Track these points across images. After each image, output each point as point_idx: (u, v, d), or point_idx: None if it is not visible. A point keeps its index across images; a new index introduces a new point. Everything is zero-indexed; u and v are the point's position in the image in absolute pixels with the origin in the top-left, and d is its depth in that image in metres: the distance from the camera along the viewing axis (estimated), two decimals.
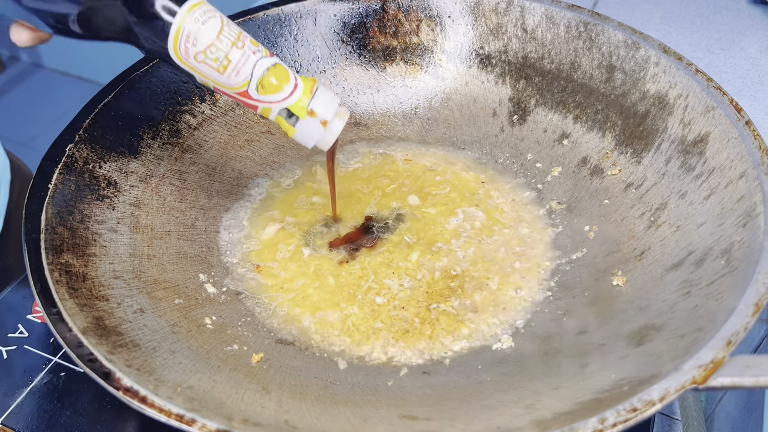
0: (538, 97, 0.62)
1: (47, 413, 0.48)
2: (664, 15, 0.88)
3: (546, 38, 0.61)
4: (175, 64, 0.40)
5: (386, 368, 0.46)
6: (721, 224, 0.45)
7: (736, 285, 0.39)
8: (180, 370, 0.40)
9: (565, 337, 0.46)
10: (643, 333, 0.41)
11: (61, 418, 0.47)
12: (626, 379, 0.37)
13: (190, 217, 0.55)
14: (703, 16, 0.88)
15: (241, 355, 0.45)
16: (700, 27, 0.86)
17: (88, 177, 0.49)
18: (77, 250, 0.45)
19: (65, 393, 0.49)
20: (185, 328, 0.45)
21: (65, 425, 0.47)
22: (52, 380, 0.50)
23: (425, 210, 0.57)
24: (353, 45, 0.65)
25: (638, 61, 0.56)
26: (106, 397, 0.48)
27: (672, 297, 0.43)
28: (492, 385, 0.42)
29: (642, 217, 0.51)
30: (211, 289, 0.50)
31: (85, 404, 0.48)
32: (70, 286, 0.41)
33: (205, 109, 0.60)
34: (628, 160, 0.55)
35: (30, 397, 0.49)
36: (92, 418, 0.47)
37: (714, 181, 0.47)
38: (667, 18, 0.88)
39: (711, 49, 0.82)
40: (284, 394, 0.41)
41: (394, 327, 0.49)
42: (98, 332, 0.39)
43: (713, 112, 0.50)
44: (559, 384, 0.40)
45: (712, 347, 0.35)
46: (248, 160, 0.61)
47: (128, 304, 0.44)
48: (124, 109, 0.54)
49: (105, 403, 0.48)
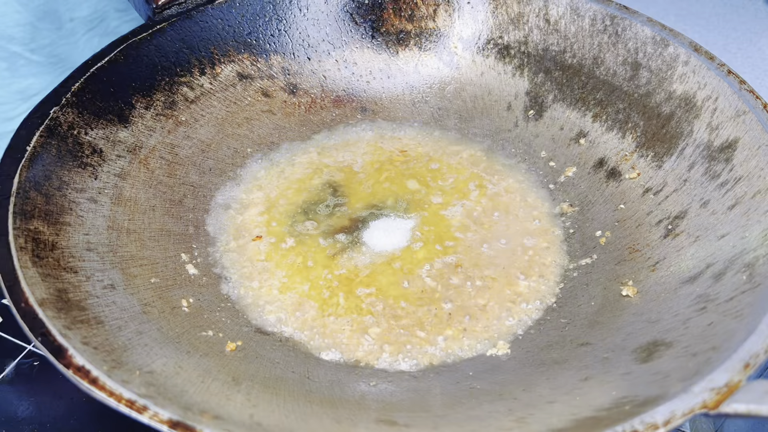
0: (557, 93, 0.58)
1: (21, 401, 0.45)
2: (679, 12, 0.85)
3: (569, 31, 0.58)
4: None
5: (370, 367, 0.43)
6: (744, 237, 0.41)
7: (758, 302, 0.35)
8: (144, 352, 0.37)
9: (566, 348, 0.42)
10: (651, 349, 0.38)
11: (34, 406, 0.45)
12: (629, 397, 0.33)
13: (178, 194, 0.52)
14: (719, 15, 0.84)
15: (215, 341, 0.42)
16: (716, 26, 0.83)
17: (71, 142, 0.47)
18: (50, 217, 0.42)
19: (39, 380, 0.47)
20: (158, 308, 0.42)
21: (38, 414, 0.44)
22: (26, 367, 0.47)
23: (428, 203, 0.54)
24: (366, 26, 0.62)
25: (666, 59, 0.52)
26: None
27: (686, 312, 0.39)
28: (482, 394, 0.39)
29: (659, 225, 0.48)
30: (192, 270, 0.47)
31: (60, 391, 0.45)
32: (35, 254, 0.38)
33: (204, 83, 0.57)
34: (648, 164, 0.51)
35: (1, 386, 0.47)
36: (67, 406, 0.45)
37: (740, 190, 0.44)
38: (682, 16, 0.84)
39: (728, 48, 0.79)
40: (255, 387, 0.37)
41: (384, 325, 0.46)
42: (58, 305, 0.36)
43: (744, 117, 0.46)
44: (555, 398, 0.36)
45: (727, 369, 0.31)
46: (245, 139, 0.58)
47: (98, 279, 0.41)
48: (118, 76, 0.51)
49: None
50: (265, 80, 0.60)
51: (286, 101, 0.60)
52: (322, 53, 0.62)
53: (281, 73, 0.61)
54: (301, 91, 0.61)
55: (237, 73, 0.59)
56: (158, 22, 0.55)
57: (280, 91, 0.60)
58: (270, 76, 0.60)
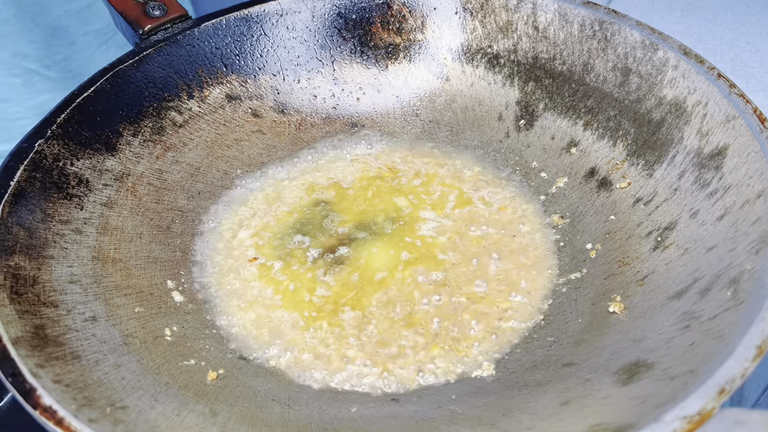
0: (548, 101, 0.57)
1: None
2: (685, 7, 0.82)
3: (558, 37, 0.57)
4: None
5: (353, 393, 0.43)
6: (732, 249, 0.39)
7: (739, 322, 0.34)
8: (120, 386, 0.37)
9: (551, 369, 0.41)
10: (633, 370, 0.37)
11: None
12: (602, 425, 0.32)
13: (166, 219, 0.52)
14: (727, 8, 0.81)
15: (196, 370, 0.42)
16: (724, 19, 0.79)
17: (57, 174, 0.47)
18: (32, 251, 0.42)
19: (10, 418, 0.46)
20: (140, 339, 0.42)
21: None
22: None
23: (416, 219, 0.53)
24: (354, 41, 0.62)
25: (656, 63, 0.51)
26: None
27: (669, 330, 0.38)
28: (462, 419, 0.38)
29: (649, 237, 0.46)
30: (178, 297, 0.47)
31: None
32: (13, 290, 0.39)
33: (192, 106, 0.57)
34: (639, 173, 0.50)
35: None
36: None
37: (729, 199, 0.42)
38: (688, 10, 0.81)
39: (736, 43, 0.75)
40: (232, 419, 0.37)
41: (368, 348, 0.45)
42: (33, 342, 0.36)
43: (734, 122, 0.44)
44: (534, 424, 0.36)
45: (701, 395, 0.30)
46: (235, 160, 0.58)
47: (80, 311, 0.41)
48: (104, 105, 0.52)
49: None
50: (254, 100, 0.60)
51: (275, 120, 0.60)
52: (311, 70, 0.62)
53: (270, 92, 0.61)
54: (291, 109, 0.61)
55: (225, 94, 0.59)
56: (145, 48, 0.55)
57: (270, 110, 0.60)
58: (259, 96, 0.60)
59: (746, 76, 0.69)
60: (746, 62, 0.73)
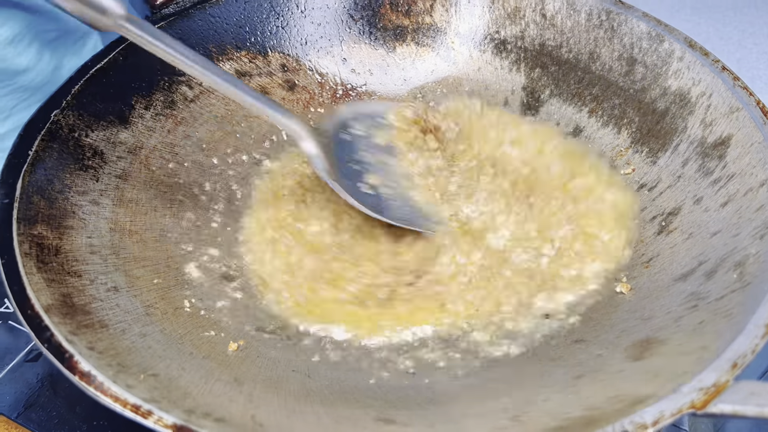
0: (553, 88, 0.59)
1: (28, 392, 0.46)
2: (694, 5, 0.84)
3: (565, 25, 0.58)
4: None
5: (371, 364, 0.44)
6: (736, 234, 0.42)
7: (747, 302, 0.36)
8: (148, 355, 0.38)
9: (562, 345, 0.43)
10: (644, 346, 0.38)
11: (41, 398, 0.46)
12: (619, 396, 0.34)
13: (179, 193, 0.52)
14: (736, 8, 0.83)
15: (217, 341, 0.43)
16: (732, 20, 0.81)
17: (72, 145, 0.47)
18: (53, 221, 0.43)
19: (47, 372, 0.47)
20: (161, 309, 0.43)
21: (44, 405, 0.45)
22: (35, 358, 0.48)
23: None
24: (363, 22, 0.62)
25: (661, 54, 0.53)
26: None
27: (678, 310, 0.40)
28: (479, 391, 0.40)
29: (653, 222, 0.48)
30: (194, 270, 0.48)
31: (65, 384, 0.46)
32: (39, 259, 0.39)
33: None
34: (643, 160, 0.52)
35: (9, 375, 0.47)
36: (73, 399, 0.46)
37: (732, 187, 0.44)
38: (697, 8, 0.83)
39: (743, 44, 0.78)
40: (257, 387, 0.38)
41: (390, 320, 0.46)
42: (63, 310, 0.37)
43: (737, 114, 0.46)
44: (549, 396, 0.37)
45: (715, 369, 0.32)
46: (245, 137, 0.58)
47: (102, 282, 0.42)
48: (117, 77, 0.52)
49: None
50: (263, 77, 0.60)
51: (284, 98, 0.61)
52: (320, 50, 0.62)
53: (279, 70, 0.61)
54: (300, 87, 0.61)
55: (235, 70, 0.59)
56: (156, 21, 0.55)
57: (279, 88, 0.61)
58: (268, 73, 0.60)
59: (752, 78, 0.71)
60: (753, 63, 0.75)
